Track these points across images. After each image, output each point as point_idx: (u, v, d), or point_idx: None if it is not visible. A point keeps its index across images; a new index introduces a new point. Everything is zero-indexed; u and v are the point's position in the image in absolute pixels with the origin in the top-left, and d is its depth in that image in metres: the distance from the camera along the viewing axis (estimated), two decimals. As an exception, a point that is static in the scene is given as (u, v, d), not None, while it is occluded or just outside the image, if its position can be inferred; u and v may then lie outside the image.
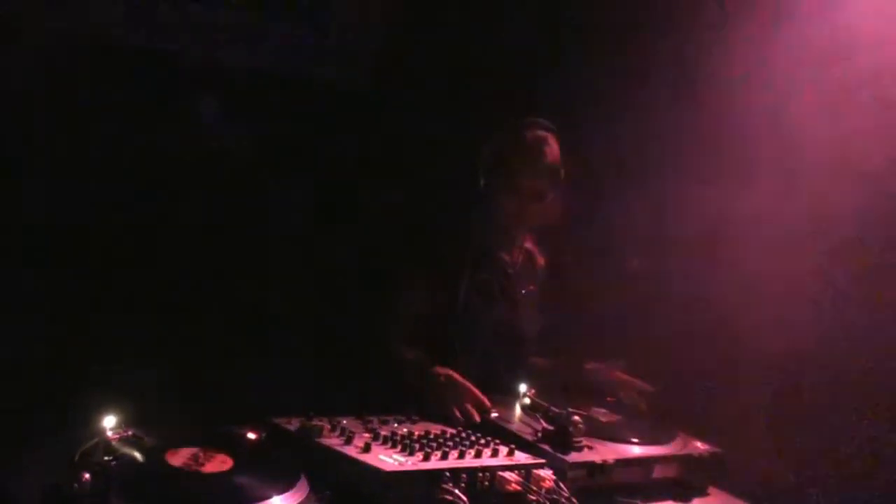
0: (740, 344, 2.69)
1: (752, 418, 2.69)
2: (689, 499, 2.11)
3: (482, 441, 1.88)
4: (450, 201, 2.76)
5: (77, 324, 2.95)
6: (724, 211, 2.72)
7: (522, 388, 2.20)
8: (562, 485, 1.78)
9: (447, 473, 1.65)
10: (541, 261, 2.74)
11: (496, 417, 2.12)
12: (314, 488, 1.55)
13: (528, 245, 2.71)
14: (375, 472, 1.61)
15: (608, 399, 2.46)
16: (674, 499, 2.08)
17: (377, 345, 2.47)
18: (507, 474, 1.75)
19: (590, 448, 1.99)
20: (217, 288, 3.47)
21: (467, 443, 1.85)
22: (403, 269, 2.53)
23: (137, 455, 1.43)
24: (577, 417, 1.99)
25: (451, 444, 1.82)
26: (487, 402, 2.15)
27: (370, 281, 2.86)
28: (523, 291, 2.63)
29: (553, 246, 2.78)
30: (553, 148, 2.49)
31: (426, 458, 1.71)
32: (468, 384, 2.19)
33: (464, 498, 1.61)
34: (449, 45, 3.73)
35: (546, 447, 1.95)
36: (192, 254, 3.22)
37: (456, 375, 2.22)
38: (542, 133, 2.51)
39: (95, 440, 1.37)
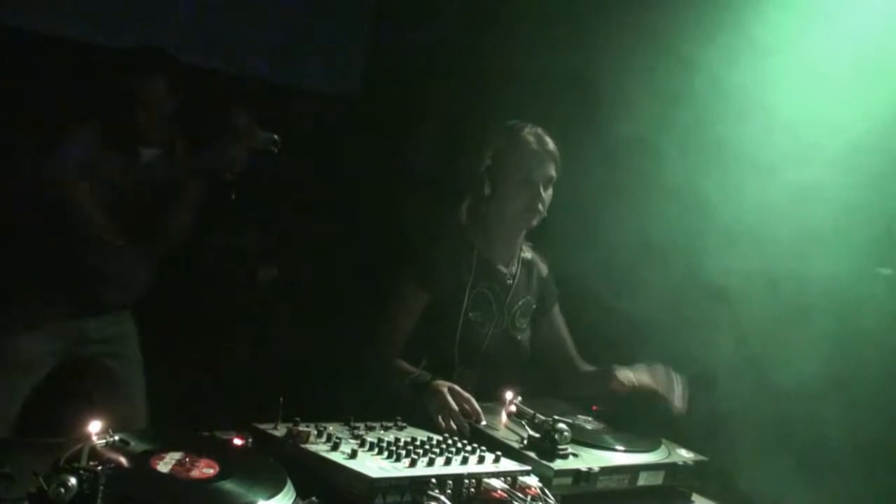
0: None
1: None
2: (673, 506, 2.12)
3: (468, 448, 1.88)
4: (448, 211, 2.75)
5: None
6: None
7: (508, 395, 2.20)
8: (547, 492, 1.79)
9: (433, 480, 1.66)
10: (544, 271, 2.74)
11: (483, 425, 2.13)
12: (300, 494, 1.55)
13: (528, 255, 2.70)
14: (362, 479, 1.61)
15: (593, 407, 2.47)
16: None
17: (373, 355, 2.47)
18: (493, 481, 1.76)
19: (575, 455, 2.00)
20: (208, 294, 3.47)
21: (453, 450, 1.85)
22: (403, 280, 2.53)
23: (123, 460, 1.43)
24: (562, 425, 2.00)
25: (437, 450, 1.82)
26: (482, 416, 2.16)
27: (368, 290, 2.86)
28: (520, 302, 2.64)
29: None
30: (549, 138, 2.55)
31: (412, 464, 1.71)
32: (466, 394, 2.20)
33: (450, 504, 1.62)
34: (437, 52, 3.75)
35: (532, 454, 1.96)
36: (177, 260, 3.21)
37: (456, 387, 2.22)
38: (533, 128, 2.56)
39: (81, 445, 1.36)
